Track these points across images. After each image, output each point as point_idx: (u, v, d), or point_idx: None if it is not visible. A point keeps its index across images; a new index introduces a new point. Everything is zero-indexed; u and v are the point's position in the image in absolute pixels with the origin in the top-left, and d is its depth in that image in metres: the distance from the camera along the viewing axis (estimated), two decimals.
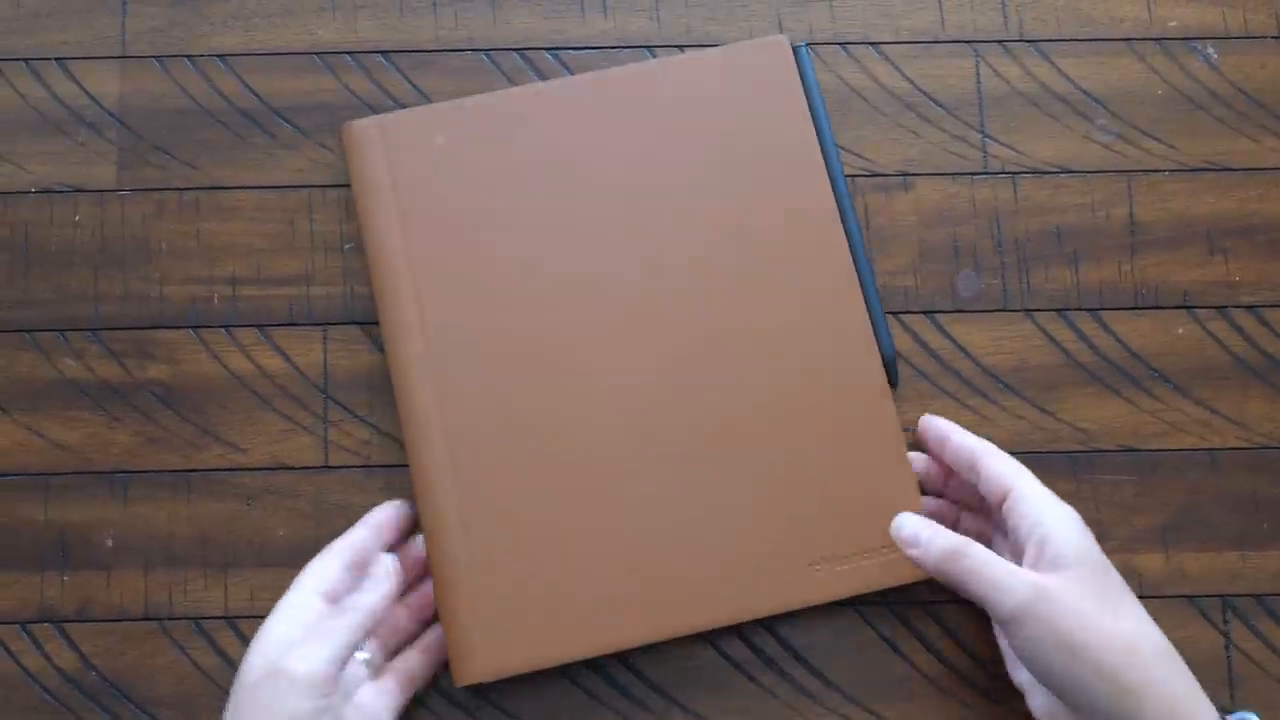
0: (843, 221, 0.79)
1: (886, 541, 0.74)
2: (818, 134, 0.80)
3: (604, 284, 0.78)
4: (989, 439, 0.78)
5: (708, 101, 0.81)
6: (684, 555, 0.75)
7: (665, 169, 0.79)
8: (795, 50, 0.82)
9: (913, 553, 0.72)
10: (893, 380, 0.78)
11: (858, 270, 0.79)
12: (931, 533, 0.71)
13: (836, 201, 0.79)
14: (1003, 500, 0.72)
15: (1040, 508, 0.70)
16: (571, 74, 0.84)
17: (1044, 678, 0.67)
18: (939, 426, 0.78)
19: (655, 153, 0.80)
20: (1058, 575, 0.68)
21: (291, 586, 0.73)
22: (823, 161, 0.80)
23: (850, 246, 0.79)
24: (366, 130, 0.80)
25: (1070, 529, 0.69)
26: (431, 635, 0.76)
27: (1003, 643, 0.75)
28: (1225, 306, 0.82)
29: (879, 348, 0.78)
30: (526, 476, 0.76)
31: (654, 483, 0.76)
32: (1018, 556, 0.70)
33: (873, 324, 0.78)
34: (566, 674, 0.77)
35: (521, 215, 0.79)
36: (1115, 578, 0.69)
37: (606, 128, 0.80)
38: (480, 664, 0.74)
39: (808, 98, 0.81)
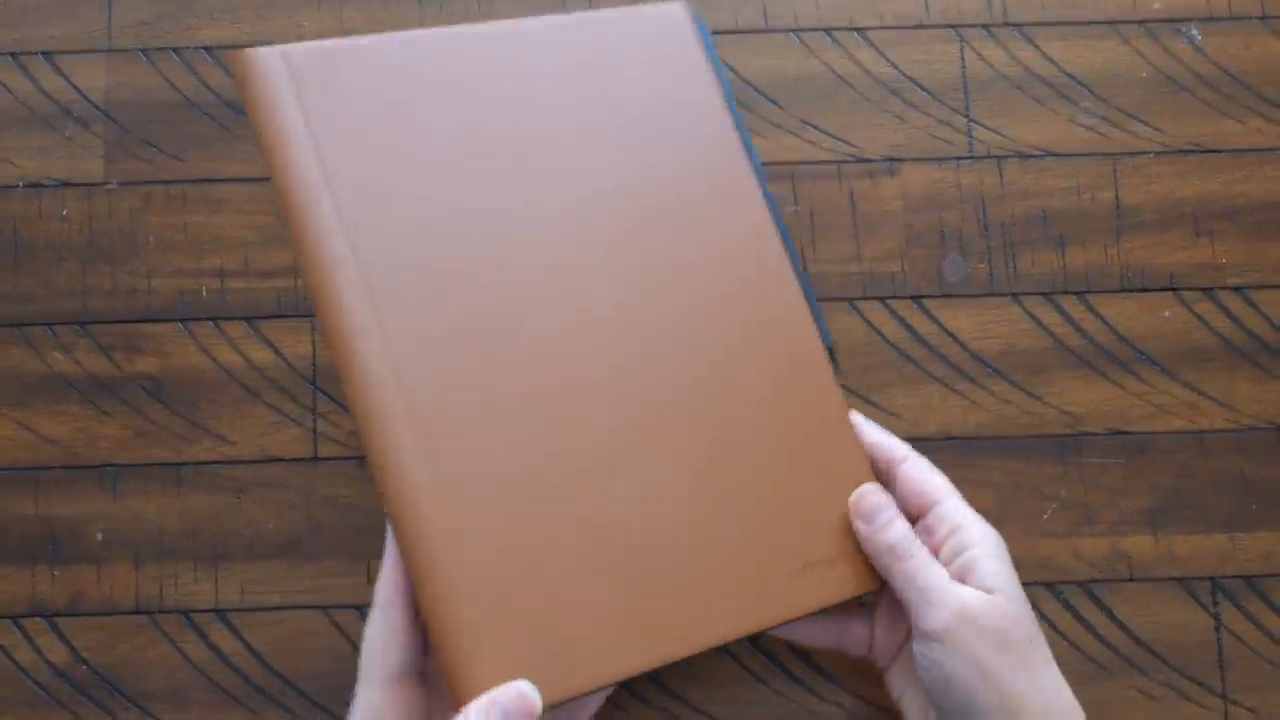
0: (770, 211, 0.76)
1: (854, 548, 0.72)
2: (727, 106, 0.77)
3: (547, 266, 0.71)
4: (977, 424, 0.78)
5: (612, 64, 0.76)
6: (668, 572, 0.69)
7: (581, 132, 0.74)
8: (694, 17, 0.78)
9: (861, 528, 0.70)
10: (835, 366, 0.77)
11: (790, 258, 0.75)
12: (888, 519, 0.69)
13: (758, 185, 0.76)
14: (922, 512, 0.71)
15: (967, 528, 0.69)
16: None
17: (940, 696, 0.66)
18: (857, 423, 0.74)
19: (570, 112, 0.74)
20: (983, 599, 0.66)
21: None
22: (737, 135, 0.76)
23: (780, 235, 0.76)
24: (269, 59, 0.70)
25: (995, 555, 0.68)
26: None
27: (888, 650, 0.74)
28: (1212, 288, 0.82)
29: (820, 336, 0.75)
30: (509, 494, 0.67)
31: (636, 488, 0.69)
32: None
33: (811, 312, 0.75)
34: None
35: (451, 171, 0.71)
36: (1031, 613, 0.68)
37: (522, 83, 0.74)
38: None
39: (711, 65, 0.77)
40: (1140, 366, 0.81)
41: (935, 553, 0.69)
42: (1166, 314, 0.82)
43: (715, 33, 0.85)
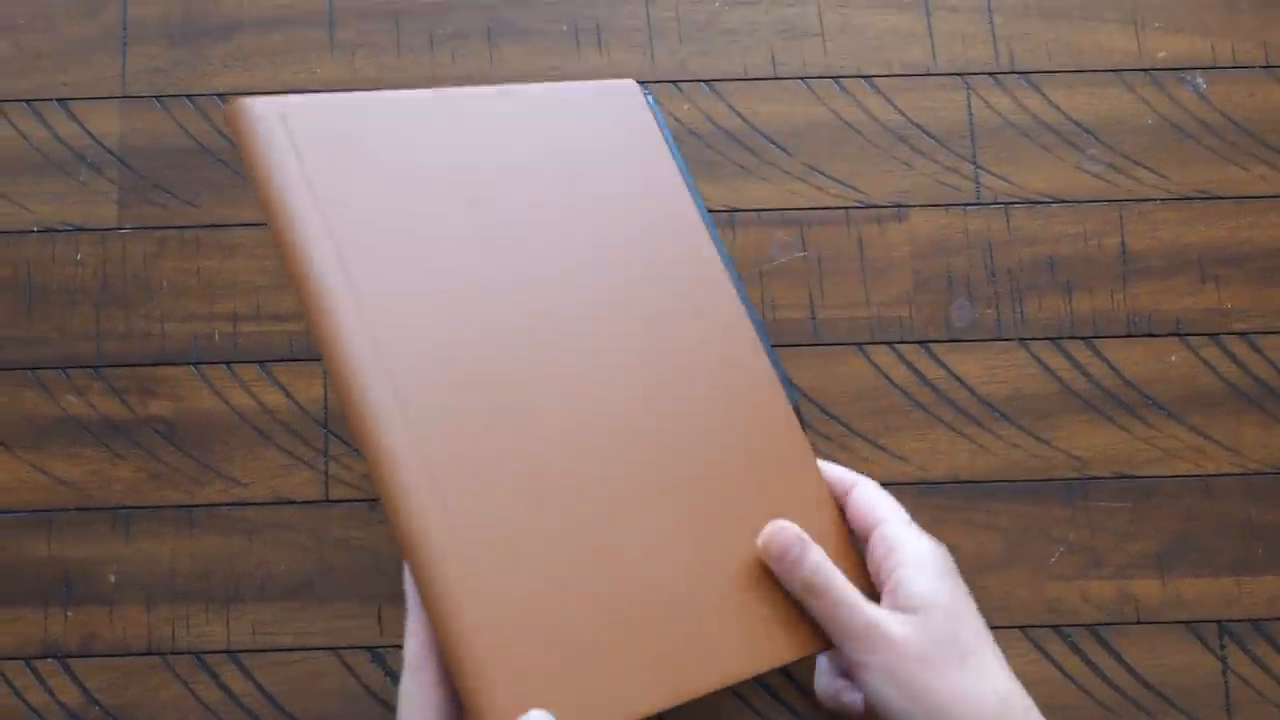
0: (727, 272, 0.76)
1: None
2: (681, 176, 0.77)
3: (540, 316, 0.71)
4: (985, 468, 0.79)
5: (571, 136, 0.76)
6: (668, 611, 0.68)
7: (547, 199, 0.74)
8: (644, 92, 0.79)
9: (774, 568, 0.69)
10: (801, 424, 0.76)
11: (751, 319, 0.75)
12: (795, 556, 0.68)
13: (716, 250, 0.76)
14: (866, 535, 0.70)
15: (901, 547, 0.68)
16: None
17: (884, 716, 0.66)
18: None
19: (544, 182, 0.74)
20: (905, 619, 0.65)
21: None
22: (691, 200, 0.77)
23: (740, 295, 0.75)
24: (265, 109, 0.70)
25: (926, 571, 0.67)
26: None
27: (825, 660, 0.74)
28: (1218, 334, 0.83)
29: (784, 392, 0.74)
30: (520, 510, 0.67)
31: (635, 541, 0.69)
32: (879, 595, 0.68)
33: (779, 375, 0.75)
34: None
35: (438, 225, 0.71)
36: (971, 624, 0.66)
37: (494, 146, 0.74)
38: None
39: (665, 137, 0.78)
40: (1147, 411, 0.82)
41: (875, 574, 0.69)
42: (1173, 359, 0.82)
43: (723, 80, 0.86)
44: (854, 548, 0.72)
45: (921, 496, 0.79)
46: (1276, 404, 0.82)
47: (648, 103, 0.79)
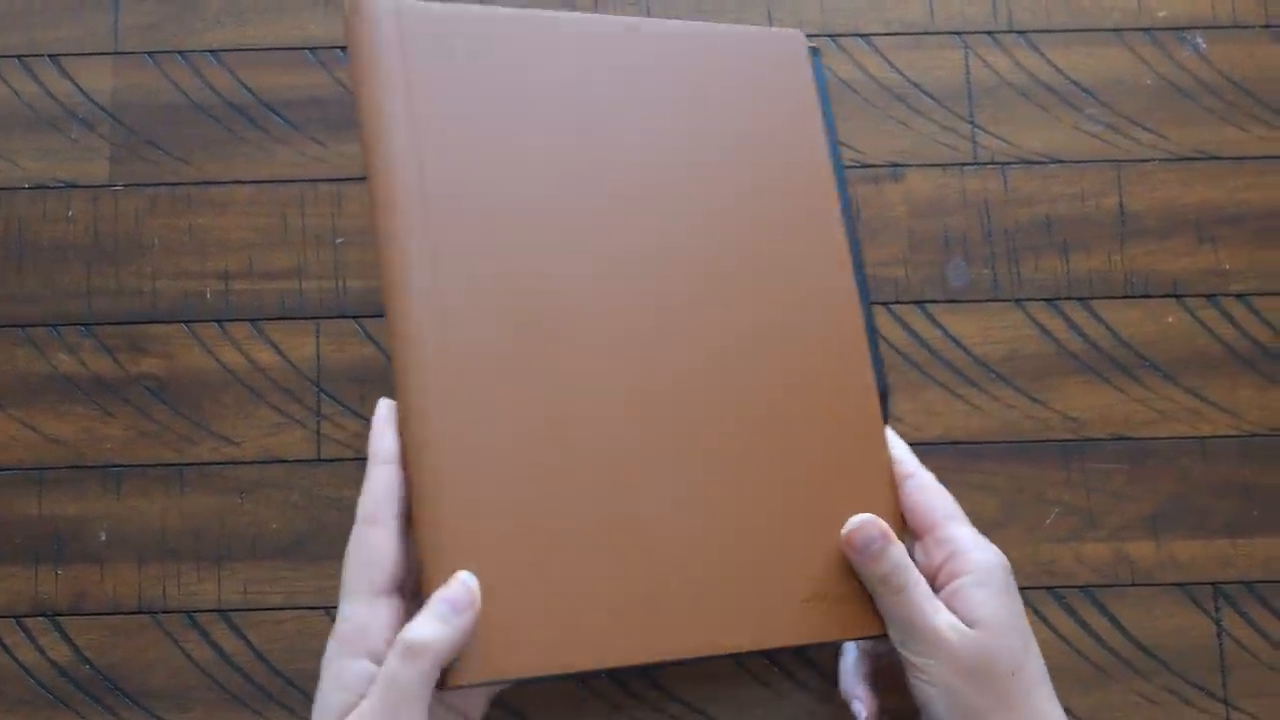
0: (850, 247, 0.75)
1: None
2: (829, 142, 0.77)
3: (618, 263, 0.71)
4: (980, 429, 0.79)
5: (725, 79, 0.76)
6: (682, 572, 0.69)
7: (680, 143, 0.74)
8: (811, 51, 0.78)
9: (854, 558, 0.69)
10: (885, 415, 0.76)
11: (861, 300, 0.75)
12: (879, 549, 0.68)
13: (845, 221, 0.75)
14: (922, 533, 0.70)
15: (965, 554, 0.68)
16: None
17: (927, 716, 0.67)
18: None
19: (673, 121, 0.74)
20: (965, 631, 0.66)
21: None
22: (831, 168, 0.76)
23: (856, 276, 0.75)
24: (382, 8, 0.70)
25: (989, 586, 0.67)
26: None
27: (851, 655, 0.75)
28: (1215, 295, 0.82)
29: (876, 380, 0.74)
30: (530, 465, 0.68)
31: (658, 490, 0.69)
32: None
33: (871, 355, 0.74)
34: None
35: (540, 157, 0.71)
36: (1026, 646, 0.67)
37: (630, 82, 0.74)
38: (468, 668, 0.65)
39: (820, 100, 0.77)
40: (1143, 372, 0.81)
41: (932, 576, 0.69)
42: (1170, 320, 0.82)
43: None
44: (906, 536, 0.71)
45: (917, 457, 0.79)
46: (1273, 365, 0.81)
47: (809, 55, 0.78)
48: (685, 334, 0.72)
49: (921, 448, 0.79)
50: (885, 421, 0.74)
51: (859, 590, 0.70)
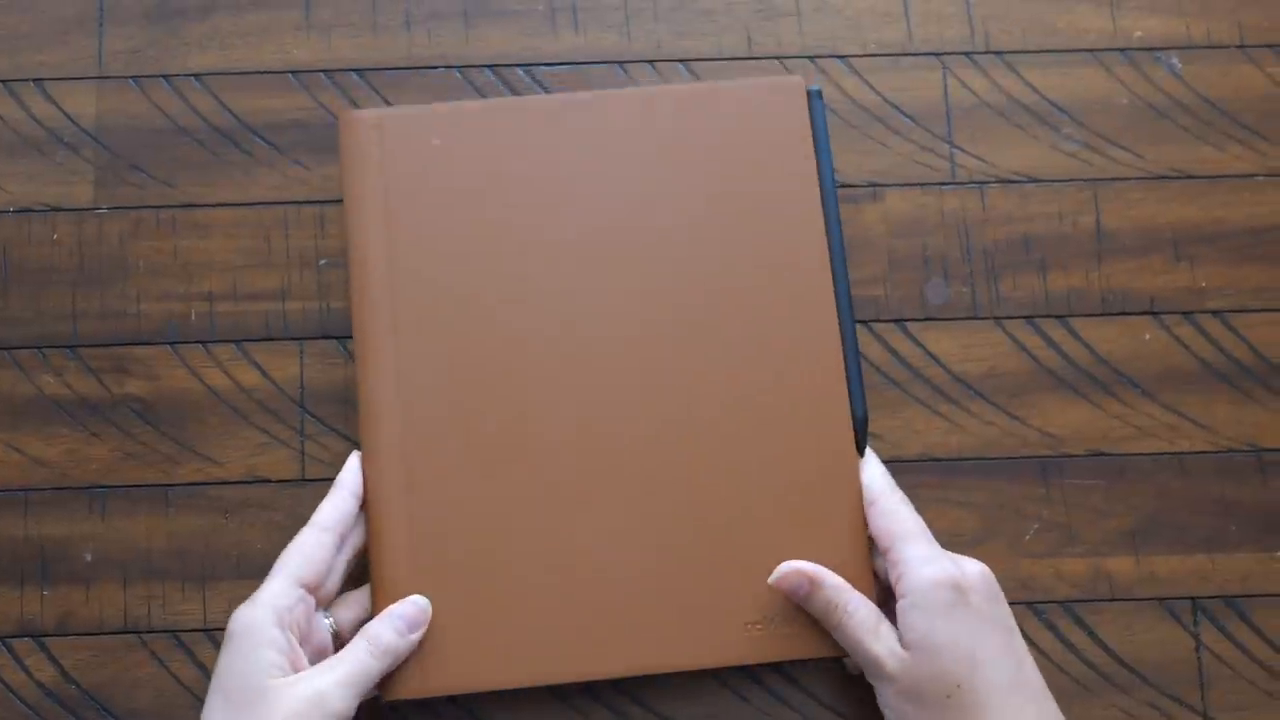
0: (834, 280, 0.78)
1: None
2: (820, 185, 0.79)
3: (585, 313, 0.77)
4: (959, 446, 0.79)
5: (711, 136, 0.79)
6: (625, 596, 0.75)
7: (659, 200, 0.78)
8: (809, 94, 0.81)
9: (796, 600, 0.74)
10: (860, 446, 0.77)
11: (841, 330, 0.78)
12: (805, 593, 0.74)
13: (830, 256, 0.78)
14: (884, 552, 0.74)
15: (906, 577, 0.72)
16: (544, 89, 0.85)
17: None
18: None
19: (651, 182, 0.79)
20: (903, 657, 0.71)
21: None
22: (822, 215, 0.79)
23: (837, 304, 0.78)
24: (363, 122, 0.79)
25: (924, 607, 0.70)
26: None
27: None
28: (1191, 312, 0.83)
29: (851, 410, 0.77)
30: (481, 497, 0.75)
31: (608, 518, 0.75)
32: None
33: (849, 385, 0.77)
34: None
35: (508, 228, 0.78)
36: (960, 658, 0.69)
37: (605, 149, 0.79)
38: (412, 682, 0.74)
39: (815, 145, 0.80)
40: (1121, 389, 0.82)
41: (892, 590, 0.73)
42: (1147, 337, 0.82)
43: (699, 60, 0.86)
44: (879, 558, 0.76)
45: (896, 475, 0.79)
46: (1249, 382, 0.82)
47: (810, 102, 0.81)
48: (652, 367, 0.77)
49: (901, 465, 0.80)
50: (864, 447, 0.77)
51: (806, 615, 0.75)
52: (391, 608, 0.73)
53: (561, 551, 0.75)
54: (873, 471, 0.76)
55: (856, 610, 0.72)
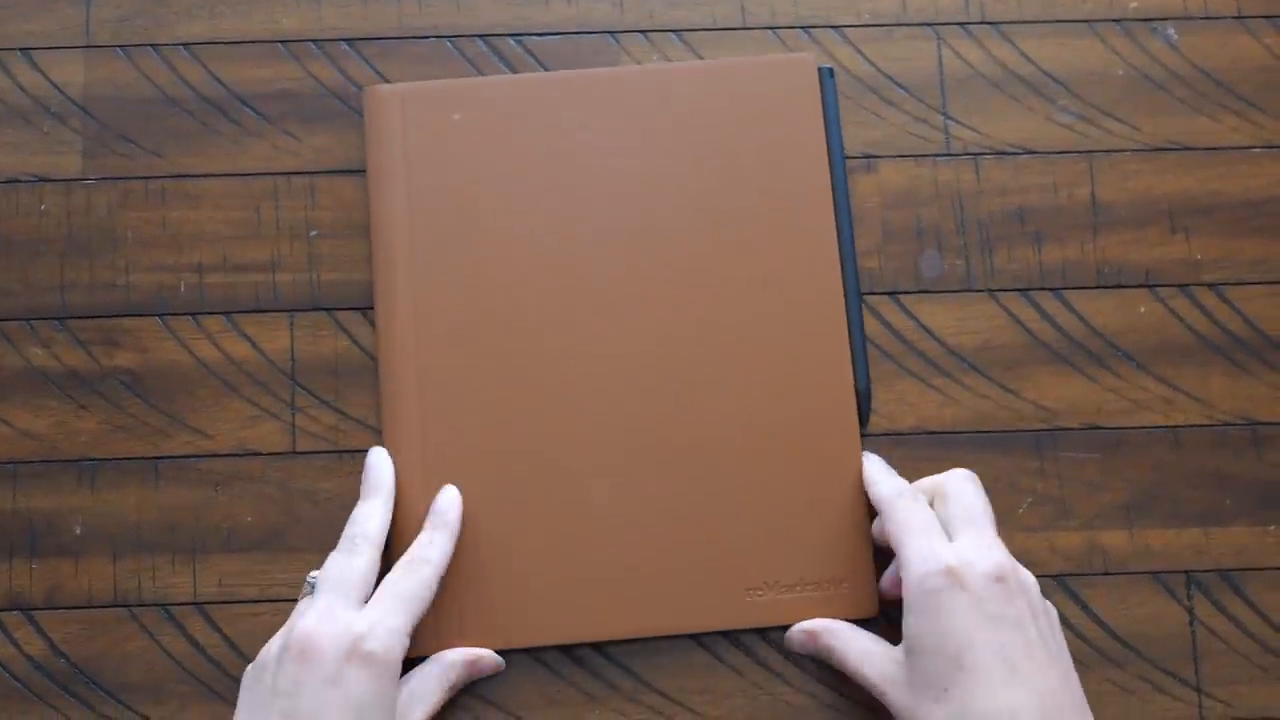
0: (840, 254, 0.81)
1: (829, 576, 0.77)
2: (830, 163, 0.82)
3: (597, 283, 0.79)
4: (953, 419, 0.79)
5: (723, 114, 0.81)
6: (630, 561, 0.77)
7: (673, 173, 0.81)
8: (820, 71, 0.83)
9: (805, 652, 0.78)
10: (863, 416, 0.79)
11: (847, 302, 0.80)
12: (811, 650, 0.77)
13: (838, 231, 0.81)
14: (896, 552, 0.74)
15: (905, 578, 0.72)
16: (536, 60, 0.84)
17: None
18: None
19: (664, 158, 0.81)
20: (899, 661, 0.72)
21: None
22: (830, 193, 0.81)
23: (844, 278, 0.80)
24: (387, 97, 0.82)
25: (914, 610, 0.70)
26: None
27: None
28: (1187, 285, 0.82)
29: (854, 381, 0.79)
30: (494, 463, 0.77)
31: (616, 484, 0.77)
32: None
33: (852, 357, 0.79)
34: (529, 651, 0.77)
35: (526, 202, 0.80)
36: (946, 651, 0.69)
37: (621, 124, 0.81)
38: (427, 643, 0.76)
39: (826, 122, 0.82)
40: (1116, 362, 0.82)
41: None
42: (1142, 310, 0.82)
43: (692, 31, 0.85)
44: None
45: (890, 449, 0.79)
46: (1245, 355, 0.82)
47: (821, 80, 0.83)
48: (661, 336, 0.79)
49: (895, 438, 0.80)
50: (866, 418, 0.79)
51: (814, 579, 0.77)
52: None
53: (567, 517, 0.77)
54: (873, 474, 0.77)
55: (853, 639, 0.75)
